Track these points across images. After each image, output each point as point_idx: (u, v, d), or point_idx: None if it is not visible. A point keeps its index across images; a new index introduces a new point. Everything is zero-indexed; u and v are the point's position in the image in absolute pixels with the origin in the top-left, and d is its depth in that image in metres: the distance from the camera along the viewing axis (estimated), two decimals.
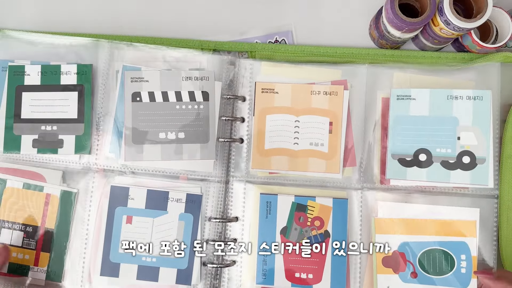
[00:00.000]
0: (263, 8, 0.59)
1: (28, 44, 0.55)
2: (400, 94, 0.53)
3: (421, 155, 0.52)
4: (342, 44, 0.58)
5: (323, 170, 0.53)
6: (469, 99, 0.52)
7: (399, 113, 0.53)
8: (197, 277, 0.53)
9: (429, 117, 0.53)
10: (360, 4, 0.59)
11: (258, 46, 0.58)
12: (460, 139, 0.52)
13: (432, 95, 0.53)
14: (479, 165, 0.52)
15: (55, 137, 0.54)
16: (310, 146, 0.54)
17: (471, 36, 0.54)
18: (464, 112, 0.52)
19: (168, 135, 0.54)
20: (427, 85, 0.54)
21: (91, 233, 0.54)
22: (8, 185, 0.54)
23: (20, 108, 0.54)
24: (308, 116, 0.54)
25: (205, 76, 0.55)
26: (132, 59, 0.55)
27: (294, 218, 0.53)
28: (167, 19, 0.59)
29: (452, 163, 0.52)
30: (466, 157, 0.52)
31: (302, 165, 0.54)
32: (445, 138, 0.52)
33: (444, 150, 0.52)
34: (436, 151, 0.52)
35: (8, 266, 0.53)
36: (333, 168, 0.53)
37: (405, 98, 0.53)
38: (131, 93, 0.54)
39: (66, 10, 0.59)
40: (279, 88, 0.54)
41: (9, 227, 0.53)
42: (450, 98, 0.52)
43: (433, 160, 0.52)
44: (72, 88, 0.55)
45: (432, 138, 0.52)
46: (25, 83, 0.54)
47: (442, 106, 0.52)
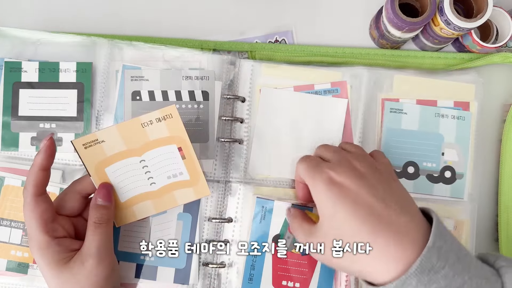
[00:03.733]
0: (263, 8, 0.59)
1: (26, 43, 0.55)
2: (393, 107, 0.55)
3: (410, 168, 0.55)
4: (342, 44, 0.58)
5: (192, 197, 0.50)
6: (453, 118, 0.55)
7: (391, 126, 0.55)
8: (194, 277, 0.53)
9: (418, 132, 0.55)
10: (360, 4, 0.59)
11: (258, 46, 0.58)
12: (444, 155, 0.55)
13: (422, 111, 0.55)
14: (458, 180, 0.54)
15: (54, 135, 0.54)
16: (168, 180, 0.49)
17: (471, 36, 0.54)
18: (449, 130, 0.55)
19: None
20: (427, 87, 0.55)
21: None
22: (6, 182, 0.53)
23: (17, 105, 0.54)
24: (152, 151, 0.47)
25: (205, 75, 0.55)
26: (131, 59, 0.55)
27: (288, 227, 0.51)
28: (167, 18, 0.59)
29: (436, 177, 0.54)
30: (448, 172, 0.54)
31: (169, 201, 0.50)
32: (431, 153, 0.55)
33: (429, 164, 0.55)
34: (422, 165, 0.55)
35: (7, 264, 0.53)
36: (201, 192, 0.50)
37: (397, 111, 0.55)
38: (131, 92, 0.54)
39: (66, 9, 0.59)
40: (102, 135, 0.46)
41: (8, 225, 0.53)
42: (437, 116, 0.55)
43: (419, 173, 0.54)
44: (71, 85, 0.54)
45: (420, 152, 0.55)
46: (22, 79, 0.54)
47: (430, 122, 0.55)
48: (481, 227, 0.54)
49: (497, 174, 0.55)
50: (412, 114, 0.55)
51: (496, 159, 0.56)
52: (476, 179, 0.54)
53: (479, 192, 0.54)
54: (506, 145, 0.54)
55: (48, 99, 0.54)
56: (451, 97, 0.55)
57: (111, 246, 0.46)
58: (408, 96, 0.55)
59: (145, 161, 0.48)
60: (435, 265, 0.36)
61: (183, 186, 0.49)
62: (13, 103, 0.54)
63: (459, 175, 0.54)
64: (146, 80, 0.54)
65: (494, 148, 0.56)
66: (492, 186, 0.55)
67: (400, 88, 0.55)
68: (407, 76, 0.55)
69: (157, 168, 0.48)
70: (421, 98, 0.55)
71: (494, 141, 0.56)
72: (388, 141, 0.55)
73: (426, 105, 0.54)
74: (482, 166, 0.55)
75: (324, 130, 0.54)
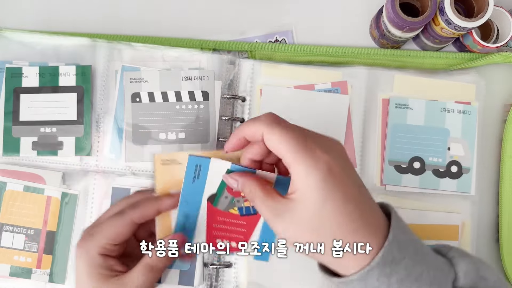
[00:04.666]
0: (263, 8, 0.59)
1: (26, 45, 0.55)
2: (398, 102, 0.55)
3: (415, 163, 0.55)
4: (342, 44, 0.58)
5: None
6: (459, 113, 0.55)
7: (396, 121, 0.55)
8: (199, 279, 0.53)
9: (424, 127, 0.55)
10: (360, 3, 0.59)
11: (258, 45, 0.57)
12: (450, 150, 0.55)
13: (427, 106, 0.55)
14: (464, 174, 0.55)
15: (55, 139, 0.54)
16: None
17: (472, 35, 0.54)
18: (455, 124, 0.55)
19: (169, 136, 0.54)
20: (427, 87, 0.55)
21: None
22: (8, 187, 0.53)
23: (18, 111, 0.54)
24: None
25: (205, 75, 0.55)
26: (131, 59, 0.55)
27: (227, 186, 0.45)
28: (166, 18, 0.59)
29: (442, 172, 0.55)
30: (454, 167, 0.55)
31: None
32: (437, 148, 0.55)
33: (435, 159, 0.55)
34: (428, 160, 0.55)
35: (10, 269, 0.53)
36: None
37: (403, 107, 0.55)
38: (131, 94, 0.54)
39: (65, 10, 0.59)
40: (183, 158, 0.45)
41: (10, 231, 0.53)
42: (443, 110, 0.55)
43: (425, 168, 0.55)
44: (71, 89, 0.54)
45: (426, 147, 0.55)
46: (23, 85, 0.54)
47: (436, 117, 0.55)
48: (481, 228, 0.54)
49: (498, 175, 0.56)
50: (418, 109, 0.54)
51: (496, 159, 0.56)
52: (477, 180, 0.54)
53: (480, 192, 0.54)
54: (507, 145, 0.54)
55: (49, 103, 0.54)
56: (452, 97, 0.55)
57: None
58: (408, 96, 0.55)
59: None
60: (396, 257, 0.36)
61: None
62: (14, 108, 0.54)
63: (466, 170, 0.54)
64: (145, 82, 0.54)
65: (494, 148, 0.56)
66: (493, 186, 0.56)
67: (400, 88, 0.55)
68: (407, 76, 0.55)
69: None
70: (421, 98, 0.55)
71: (494, 141, 0.56)
72: (394, 136, 0.54)
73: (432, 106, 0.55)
74: (482, 166, 0.55)
75: (328, 127, 0.54)
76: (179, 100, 0.54)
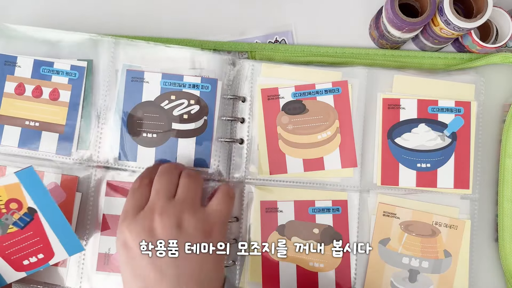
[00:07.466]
0: (263, 8, 0.59)
1: (26, 39, 0.55)
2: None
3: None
4: (342, 44, 0.58)
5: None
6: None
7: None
8: None
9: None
10: (360, 4, 0.59)
11: (258, 46, 0.58)
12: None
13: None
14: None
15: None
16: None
17: (471, 36, 0.54)
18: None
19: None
20: (427, 87, 0.55)
21: (91, 229, 0.54)
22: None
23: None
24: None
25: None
26: (132, 58, 0.55)
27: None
28: (167, 19, 0.59)
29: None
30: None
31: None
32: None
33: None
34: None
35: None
36: None
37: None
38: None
39: (66, 9, 0.59)
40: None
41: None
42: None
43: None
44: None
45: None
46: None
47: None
48: (481, 228, 0.54)
49: (497, 175, 0.55)
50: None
51: (496, 159, 0.56)
52: (476, 179, 0.54)
53: (479, 192, 0.54)
54: (506, 145, 0.54)
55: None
56: (452, 97, 0.55)
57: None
58: (408, 96, 0.55)
59: None
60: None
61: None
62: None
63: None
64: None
65: (494, 148, 0.56)
66: (492, 186, 0.56)
67: (400, 88, 0.55)
68: (407, 76, 0.55)
69: None
70: (421, 98, 0.55)
71: (494, 141, 0.56)
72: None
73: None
74: (482, 166, 0.55)
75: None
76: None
